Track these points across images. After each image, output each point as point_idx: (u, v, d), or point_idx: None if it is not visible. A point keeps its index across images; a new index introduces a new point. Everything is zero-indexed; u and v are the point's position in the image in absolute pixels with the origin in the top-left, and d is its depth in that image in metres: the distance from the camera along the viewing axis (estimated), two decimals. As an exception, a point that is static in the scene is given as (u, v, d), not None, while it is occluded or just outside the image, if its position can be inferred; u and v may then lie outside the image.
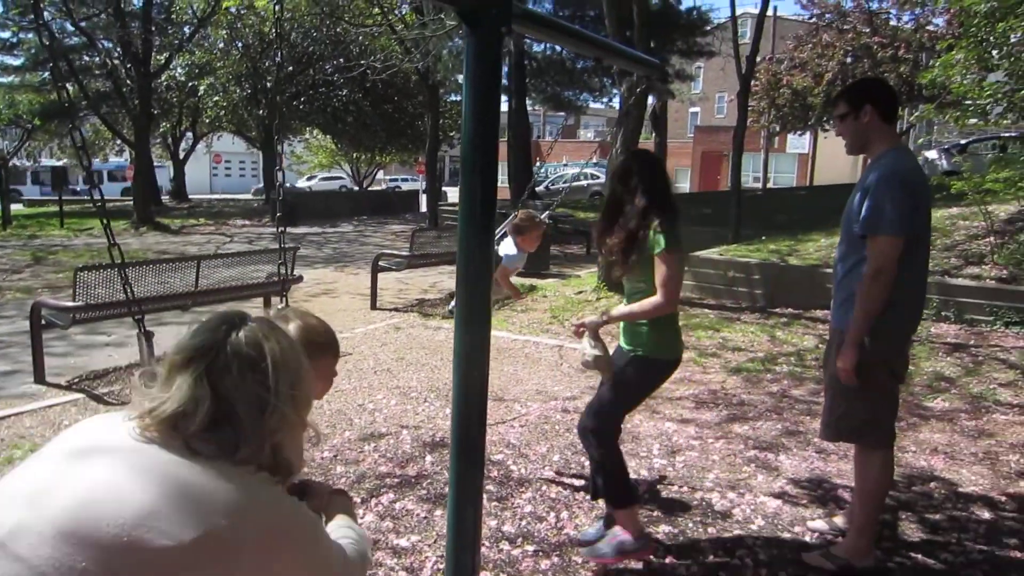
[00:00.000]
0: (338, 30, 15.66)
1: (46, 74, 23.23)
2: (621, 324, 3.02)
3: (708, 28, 20.21)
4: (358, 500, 3.67)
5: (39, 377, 5.72)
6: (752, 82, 17.23)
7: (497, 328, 7.70)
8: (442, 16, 11.12)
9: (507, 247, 3.92)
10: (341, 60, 17.57)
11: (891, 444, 2.98)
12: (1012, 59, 8.08)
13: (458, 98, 25.30)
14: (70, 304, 5.45)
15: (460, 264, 2.11)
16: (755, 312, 8.01)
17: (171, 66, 22.71)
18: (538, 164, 37.01)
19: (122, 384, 5.70)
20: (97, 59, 22.45)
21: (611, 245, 2.89)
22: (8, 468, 3.93)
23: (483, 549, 3.17)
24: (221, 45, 22.68)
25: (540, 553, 3.18)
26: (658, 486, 3.84)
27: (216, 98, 24.07)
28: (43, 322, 5.66)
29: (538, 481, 3.90)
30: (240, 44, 22.07)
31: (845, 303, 2.86)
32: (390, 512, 3.56)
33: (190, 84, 24.06)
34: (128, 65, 20.38)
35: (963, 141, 17.50)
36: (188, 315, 7.52)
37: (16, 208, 26.26)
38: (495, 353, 6.66)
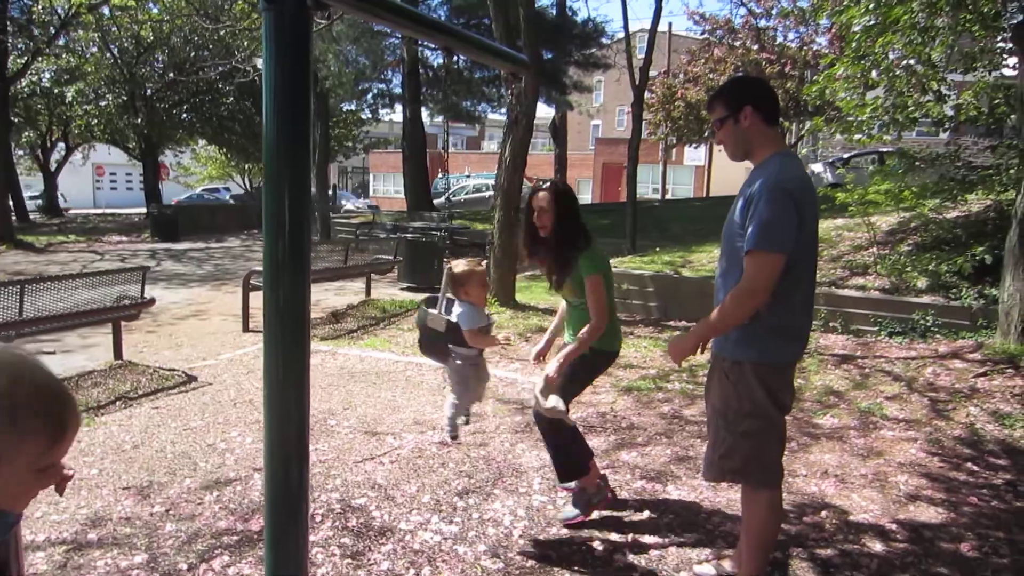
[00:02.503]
0: (221, 33, 14.74)
1: None
2: (568, 320, 3.44)
3: (605, 41, 20.36)
4: (185, 567, 3.09)
5: None
6: (647, 95, 17.44)
7: (378, 349, 7.18)
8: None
9: (458, 308, 3.32)
10: (226, 65, 16.57)
11: (779, 483, 2.68)
12: (890, 75, 8.25)
13: (352, 106, 24.59)
14: None
15: (267, 285, 1.69)
16: (649, 326, 7.81)
17: (34, 71, 20.90)
18: (440, 175, 36.66)
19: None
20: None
21: (547, 270, 3.41)
22: None
23: (326, 622, 2.68)
24: (94, 49, 21.06)
25: (392, 624, 2.71)
26: (532, 532, 3.43)
27: (87, 106, 22.29)
28: None
29: (401, 530, 3.42)
30: (115, 48, 20.53)
31: (726, 332, 2.55)
32: (220, 580, 3.00)
33: (56, 91, 22.19)
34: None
35: (846, 155, 18.24)
36: (21, 345, 6.63)
37: None
38: (374, 378, 6.17)
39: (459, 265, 3.36)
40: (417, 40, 16.93)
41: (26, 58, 19.87)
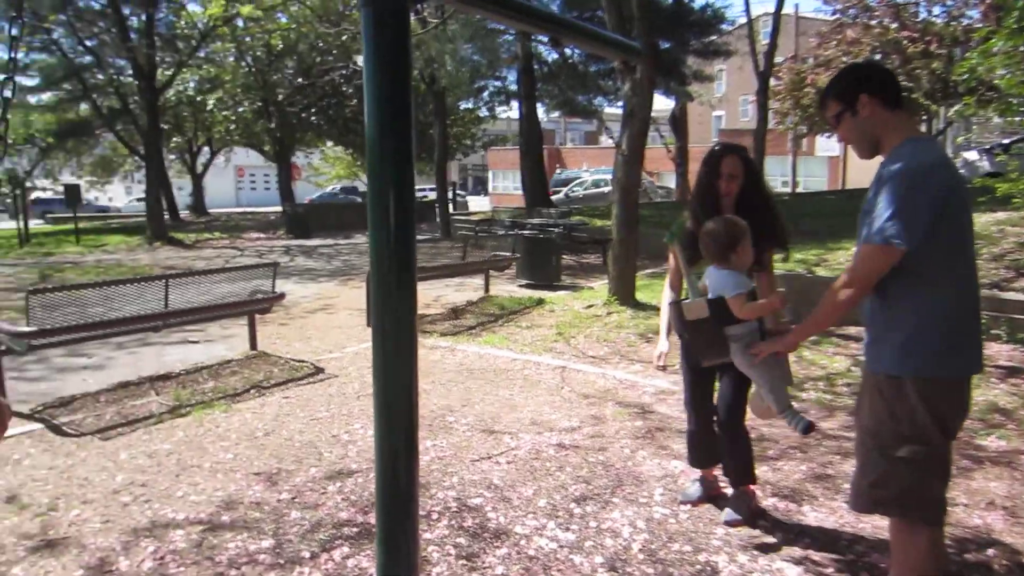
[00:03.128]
0: (343, 38, 15.35)
1: (60, 93, 23.31)
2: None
3: (725, 27, 19.58)
4: (307, 555, 3.17)
5: None
6: (774, 82, 16.59)
7: (497, 346, 7.19)
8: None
9: (717, 279, 2.83)
10: (347, 68, 17.26)
11: (941, 520, 2.34)
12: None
13: (469, 105, 24.97)
14: (24, 329, 5.03)
15: (374, 281, 1.70)
16: (779, 327, 7.38)
17: (180, 81, 22.60)
18: (558, 171, 36.64)
19: (86, 412, 5.27)
20: (102, 77, 22.42)
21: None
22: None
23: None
24: (231, 59, 22.50)
25: (508, 630, 2.65)
26: (653, 546, 3.28)
27: (226, 112, 23.89)
28: (3, 347, 5.25)
29: (517, 534, 3.36)
30: (249, 57, 21.86)
31: (878, 341, 2.29)
32: (340, 571, 3.05)
33: (199, 99, 23.93)
34: (136, 81, 20.28)
35: (1006, 140, 16.64)
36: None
37: (39, 225, 26.40)
38: (492, 375, 6.18)
39: (725, 224, 2.85)
40: (531, 35, 16.94)
41: (172, 70, 21.51)
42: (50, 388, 5.96)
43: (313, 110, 23.91)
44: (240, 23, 18.00)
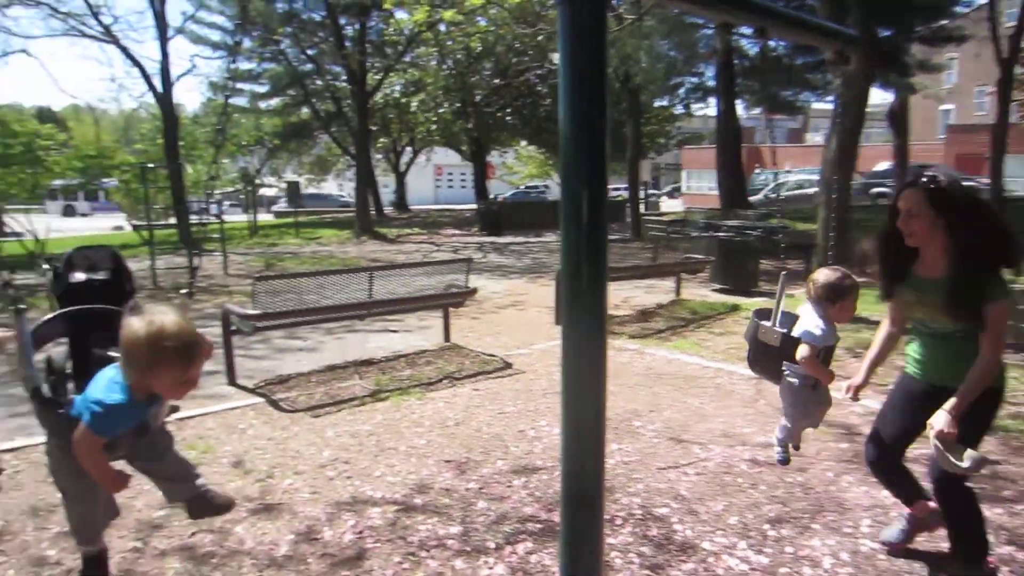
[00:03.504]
0: (539, 38, 15.64)
1: (285, 99, 26.04)
2: (924, 351, 2.82)
3: (960, 9, 17.47)
4: (492, 546, 3.23)
5: (231, 379, 5.99)
6: (1019, 70, 14.60)
7: (687, 352, 6.95)
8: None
9: (809, 320, 2.89)
10: (543, 68, 17.61)
11: None
12: None
13: (664, 102, 24.44)
14: (251, 312, 5.61)
15: (565, 280, 1.67)
16: (1021, 351, 6.45)
17: (387, 85, 24.32)
18: (757, 170, 34.90)
19: (299, 391, 5.77)
20: (320, 83, 24.69)
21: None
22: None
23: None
24: (433, 63, 23.81)
25: (694, 652, 2.52)
26: (863, 577, 2.97)
27: (428, 114, 25.34)
28: (232, 328, 5.90)
29: (704, 550, 3.20)
30: (450, 60, 23.02)
31: None
32: (523, 566, 3.08)
33: (403, 101, 25.59)
34: (349, 86, 22.07)
35: None
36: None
37: (266, 219, 29.62)
38: (682, 382, 5.97)
39: (837, 277, 2.87)
40: (732, 28, 16.20)
41: (380, 74, 23.17)
42: (271, 366, 6.60)
43: (508, 110, 24.70)
44: (442, 28, 18.99)
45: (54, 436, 2.14)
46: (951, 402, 2.56)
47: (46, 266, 5.45)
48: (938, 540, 3.14)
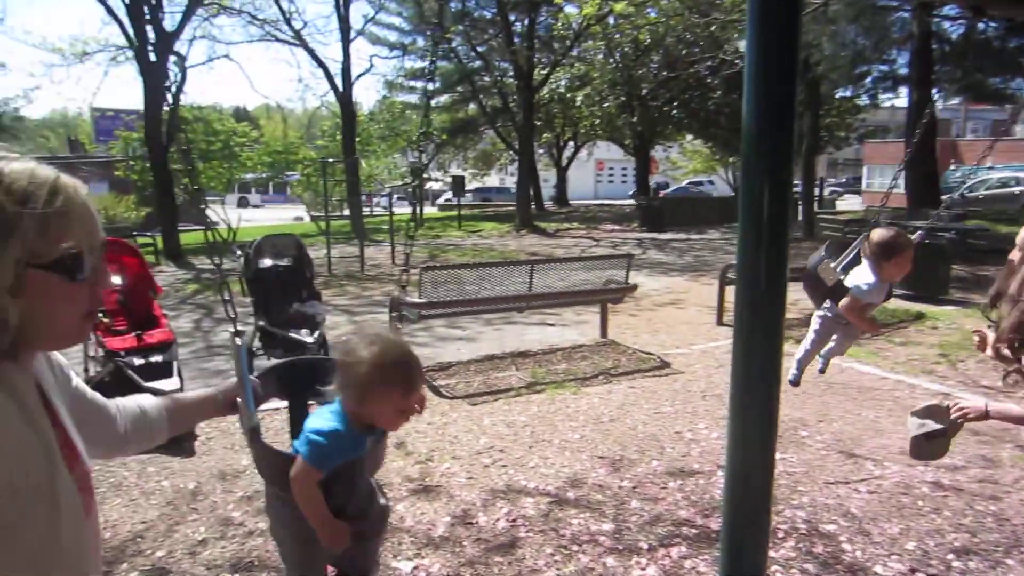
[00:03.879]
0: (712, 28, 15.08)
1: (454, 95, 27.00)
2: None
3: None
4: (645, 547, 3.18)
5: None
6: None
7: (862, 360, 6.46)
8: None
9: (861, 274, 3.04)
10: (714, 60, 16.96)
11: None
12: None
13: (848, 93, 22.79)
14: (418, 300, 5.87)
15: (740, 278, 1.62)
16: None
17: (553, 79, 24.53)
18: (952, 166, 31.75)
19: (459, 379, 5.97)
20: (488, 79, 25.33)
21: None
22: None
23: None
24: (600, 57, 23.70)
25: None
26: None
27: (592, 108, 25.29)
28: (398, 314, 6.20)
29: (876, 574, 2.96)
30: (617, 54, 22.81)
31: None
32: (676, 570, 3.00)
33: (568, 96, 25.70)
34: (515, 81, 22.48)
35: None
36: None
37: (432, 211, 30.96)
38: (855, 393, 5.57)
39: (892, 234, 3.04)
40: (933, 8, 14.76)
41: (547, 70, 23.39)
42: (432, 353, 6.87)
43: (675, 103, 24.11)
44: (611, 20, 18.85)
45: (274, 484, 1.84)
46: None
47: (238, 252, 6.02)
48: None
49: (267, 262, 5.62)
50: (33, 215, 0.91)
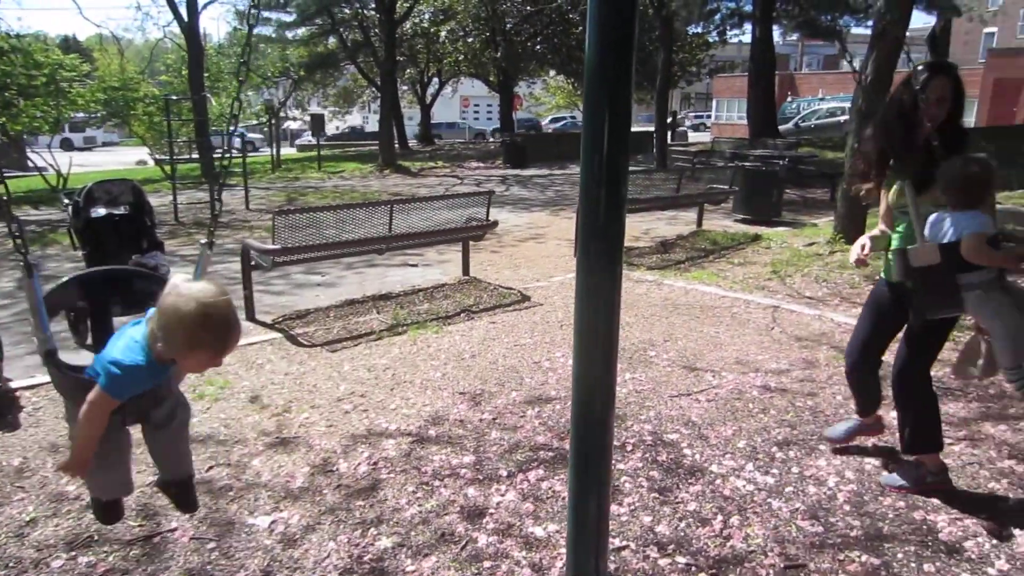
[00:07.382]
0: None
1: (312, 28, 25.54)
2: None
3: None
4: (504, 474, 3.31)
5: (249, 315, 6.00)
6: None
7: (705, 282, 6.91)
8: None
9: (956, 219, 2.55)
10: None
11: None
12: None
13: (698, 29, 23.63)
14: (270, 247, 5.66)
15: (582, 209, 1.70)
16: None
17: (415, 13, 23.78)
18: (788, 99, 33.86)
19: (317, 326, 5.85)
20: (348, 11, 24.20)
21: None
22: (198, 404, 4.12)
23: (626, 552, 2.67)
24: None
25: (692, 569, 2.59)
26: (862, 499, 3.00)
27: (456, 43, 24.84)
28: (252, 263, 5.95)
29: (713, 473, 3.26)
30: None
31: None
32: (534, 492, 3.15)
33: (432, 30, 25.07)
34: (376, 14, 21.60)
35: None
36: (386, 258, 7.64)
37: (289, 152, 29.54)
38: (698, 312, 5.97)
39: (978, 163, 2.57)
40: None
41: (409, 2, 22.60)
42: (289, 302, 6.67)
43: (539, 39, 24.10)
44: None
45: (71, 400, 1.96)
46: None
47: (66, 200, 5.49)
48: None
49: (100, 211, 5.15)
50: None
